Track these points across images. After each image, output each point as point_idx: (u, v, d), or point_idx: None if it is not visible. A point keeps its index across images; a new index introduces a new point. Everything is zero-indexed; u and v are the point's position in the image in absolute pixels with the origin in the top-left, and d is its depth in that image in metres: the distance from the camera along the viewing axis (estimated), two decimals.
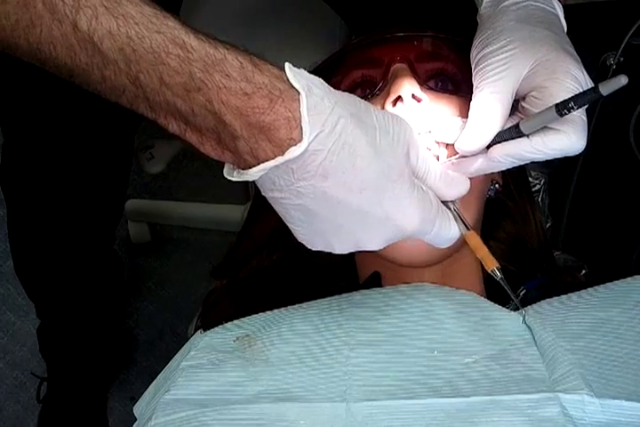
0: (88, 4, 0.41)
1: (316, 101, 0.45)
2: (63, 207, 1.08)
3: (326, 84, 0.47)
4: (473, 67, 0.60)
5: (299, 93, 0.44)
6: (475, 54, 0.60)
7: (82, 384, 1.33)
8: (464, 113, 0.60)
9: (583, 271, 0.81)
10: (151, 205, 1.59)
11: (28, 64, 0.44)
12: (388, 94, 0.63)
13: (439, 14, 0.86)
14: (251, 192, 1.02)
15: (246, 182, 0.50)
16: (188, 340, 0.66)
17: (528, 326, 0.59)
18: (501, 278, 0.55)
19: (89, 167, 1.05)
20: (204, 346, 0.63)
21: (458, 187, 0.54)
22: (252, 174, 0.46)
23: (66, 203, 1.08)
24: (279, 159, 0.45)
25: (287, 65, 0.46)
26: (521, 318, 0.60)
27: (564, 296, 0.62)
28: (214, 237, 1.54)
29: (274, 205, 0.50)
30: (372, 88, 0.66)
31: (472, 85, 0.59)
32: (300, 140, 0.44)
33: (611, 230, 1.14)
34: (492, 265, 0.55)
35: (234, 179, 0.48)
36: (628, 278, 0.62)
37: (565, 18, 0.65)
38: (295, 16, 1.10)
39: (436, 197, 0.52)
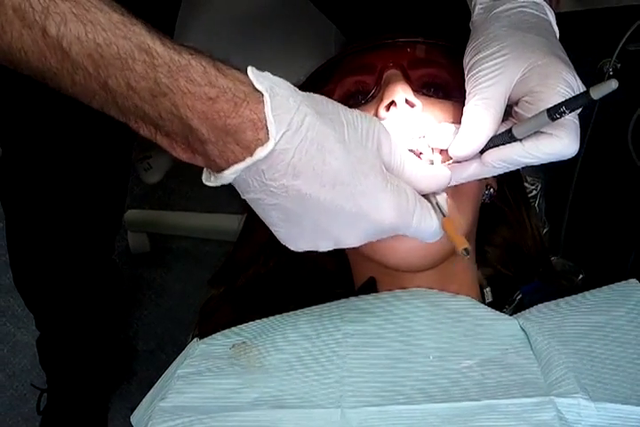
0: (57, 11, 0.42)
1: (280, 102, 0.45)
2: (62, 218, 1.08)
3: (291, 86, 0.48)
4: (466, 73, 0.60)
5: (262, 95, 0.45)
6: (467, 60, 0.61)
7: (82, 395, 1.33)
8: (457, 119, 0.60)
9: (580, 276, 0.81)
10: (150, 215, 1.59)
11: (23, 77, 0.45)
12: (381, 100, 0.63)
13: (433, 21, 0.87)
14: None
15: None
16: None
17: (524, 330, 0.59)
18: (468, 259, 0.54)
19: (87, 178, 1.05)
20: (199, 354, 0.63)
21: (437, 179, 0.54)
22: (226, 177, 0.46)
23: (64, 213, 1.08)
24: (248, 161, 0.45)
25: (249, 68, 0.46)
26: (516, 323, 0.60)
27: (559, 300, 0.62)
28: (213, 246, 1.54)
29: (253, 207, 0.50)
30: (365, 94, 0.66)
31: (465, 91, 0.59)
32: (267, 141, 0.45)
33: (609, 236, 1.14)
34: (461, 246, 0.53)
35: (211, 184, 0.49)
36: (623, 282, 0.62)
37: (561, 25, 0.65)
38: (290, 24, 1.10)
39: (414, 190, 0.52)
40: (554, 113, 0.51)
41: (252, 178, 0.46)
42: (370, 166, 0.49)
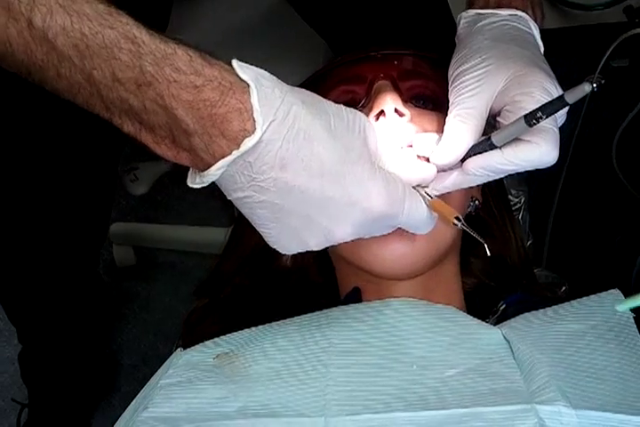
0: (43, 2, 0.42)
1: (266, 92, 0.46)
2: (46, 230, 1.08)
3: (276, 78, 0.48)
4: (449, 84, 0.61)
5: (248, 85, 0.45)
6: (451, 72, 0.62)
7: (64, 410, 1.31)
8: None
9: (563, 288, 0.81)
10: (136, 228, 1.59)
11: (6, 88, 0.45)
12: (370, 109, 0.64)
13: (420, 35, 0.88)
14: (235, 213, 1.03)
15: (232, 204, 0.49)
16: None
17: (507, 340, 0.59)
18: (462, 224, 0.55)
19: (73, 189, 1.05)
20: (183, 364, 0.63)
21: (422, 172, 0.55)
22: (213, 174, 0.46)
23: (49, 225, 1.07)
24: (235, 153, 0.45)
25: (234, 60, 0.46)
26: (499, 332, 0.60)
27: (541, 311, 0.63)
28: (199, 260, 1.53)
29: (240, 208, 0.50)
30: (355, 104, 0.67)
31: None
32: (254, 131, 0.45)
33: (592, 248, 1.15)
34: (452, 215, 0.55)
35: (196, 185, 0.48)
36: (605, 292, 0.63)
37: (545, 42, 0.66)
38: (279, 36, 1.11)
39: (402, 180, 0.52)
40: (530, 119, 0.51)
41: (240, 173, 0.46)
42: (358, 154, 0.49)
